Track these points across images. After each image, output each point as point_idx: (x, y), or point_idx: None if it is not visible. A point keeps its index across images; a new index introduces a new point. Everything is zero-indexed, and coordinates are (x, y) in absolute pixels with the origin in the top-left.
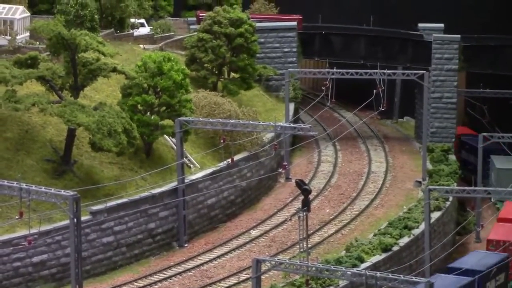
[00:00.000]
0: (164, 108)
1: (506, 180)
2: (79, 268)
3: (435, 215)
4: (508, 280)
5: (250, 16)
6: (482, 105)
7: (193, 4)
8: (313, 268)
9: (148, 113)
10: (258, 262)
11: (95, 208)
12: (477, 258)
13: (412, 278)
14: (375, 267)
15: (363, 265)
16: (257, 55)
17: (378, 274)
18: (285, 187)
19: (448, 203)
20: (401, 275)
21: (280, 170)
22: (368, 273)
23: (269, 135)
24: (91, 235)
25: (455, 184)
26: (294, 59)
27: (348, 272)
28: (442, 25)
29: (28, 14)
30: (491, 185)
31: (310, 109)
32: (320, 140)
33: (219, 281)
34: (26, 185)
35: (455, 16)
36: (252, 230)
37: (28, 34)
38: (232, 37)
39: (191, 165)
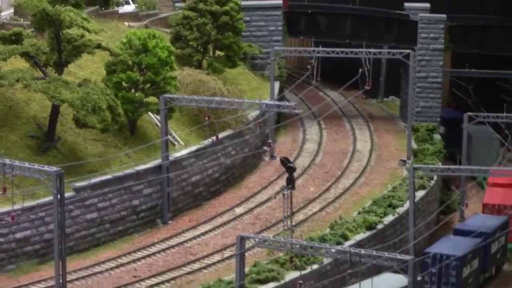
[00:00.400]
0: (148, 85)
1: (481, 149)
2: (63, 244)
3: (420, 193)
4: (507, 241)
5: None
6: (468, 85)
7: None
8: (297, 246)
9: (133, 90)
10: (242, 239)
11: (78, 184)
12: (481, 221)
13: (396, 255)
14: (359, 245)
15: (347, 243)
16: (243, 33)
17: (363, 251)
18: (270, 165)
19: (432, 182)
20: (386, 253)
21: (265, 148)
22: (352, 250)
23: (254, 113)
24: (74, 211)
25: (440, 163)
26: (280, 37)
27: (332, 250)
28: (428, 5)
29: None
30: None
31: (295, 88)
32: (305, 119)
33: (203, 258)
34: (9, 161)
35: None
36: (236, 208)
37: (12, 10)
38: (217, 15)
39: (176, 143)
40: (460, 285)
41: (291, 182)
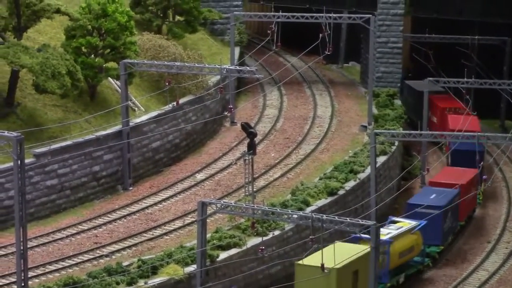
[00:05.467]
0: (108, 50)
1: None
2: (23, 210)
3: (381, 159)
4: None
5: None
6: (428, 50)
7: None
8: (259, 211)
9: (92, 56)
10: (203, 205)
11: (38, 150)
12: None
13: (359, 221)
14: (320, 210)
15: (309, 209)
16: None
17: (325, 217)
18: (230, 131)
19: (393, 147)
20: (348, 218)
21: (226, 113)
22: (314, 215)
23: (214, 79)
24: (34, 178)
25: (401, 128)
26: (240, 2)
27: (295, 215)
28: None
29: None
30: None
31: (255, 53)
32: (265, 84)
33: (164, 224)
34: None
35: None
36: (197, 174)
37: None
38: None
39: (136, 108)
40: None
41: (252, 148)
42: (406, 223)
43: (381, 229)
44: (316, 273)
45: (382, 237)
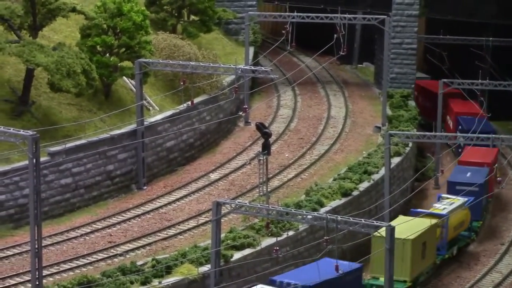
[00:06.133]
0: (123, 49)
1: None
2: (38, 209)
3: (395, 160)
4: None
5: None
6: (442, 52)
7: None
8: (274, 212)
9: (107, 54)
10: (218, 205)
11: (53, 149)
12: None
13: (373, 222)
14: (334, 211)
15: (323, 209)
16: None
17: (339, 217)
18: (244, 131)
19: (407, 148)
20: (362, 219)
21: (240, 113)
22: (329, 216)
23: (229, 79)
24: (49, 176)
25: (415, 129)
26: (254, 2)
27: (309, 216)
28: None
29: None
30: None
31: (270, 53)
32: (280, 84)
33: (178, 224)
34: None
35: None
36: (211, 174)
37: None
38: None
39: (150, 108)
40: None
41: (267, 148)
42: (455, 199)
43: (435, 204)
44: None
45: (439, 211)
